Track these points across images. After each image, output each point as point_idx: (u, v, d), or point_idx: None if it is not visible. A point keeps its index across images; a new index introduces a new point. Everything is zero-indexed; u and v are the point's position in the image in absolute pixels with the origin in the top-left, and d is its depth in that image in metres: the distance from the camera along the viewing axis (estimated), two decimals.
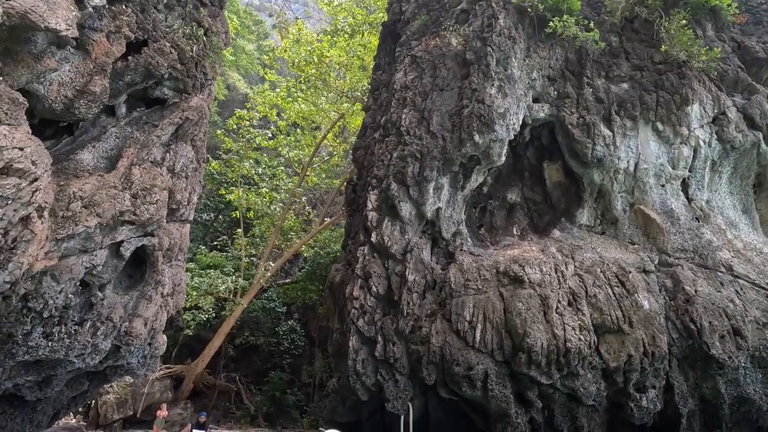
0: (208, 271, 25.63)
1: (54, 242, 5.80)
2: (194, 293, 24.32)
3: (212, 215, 35.54)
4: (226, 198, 29.17)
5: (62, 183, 6.15)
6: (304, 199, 30.23)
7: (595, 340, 8.22)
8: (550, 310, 8.22)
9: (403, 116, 11.48)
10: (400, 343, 8.67)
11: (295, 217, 29.40)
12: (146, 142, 7.65)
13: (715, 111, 10.82)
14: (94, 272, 6.47)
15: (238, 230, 29.11)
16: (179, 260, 8.60)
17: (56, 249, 5.84)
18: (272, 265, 27.44)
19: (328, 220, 27.28)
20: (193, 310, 23.96)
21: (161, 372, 22.52)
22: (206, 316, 23.36)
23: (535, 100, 11.41)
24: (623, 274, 9.00)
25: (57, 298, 5.85)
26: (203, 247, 27.73)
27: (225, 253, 28.19)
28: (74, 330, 6.25)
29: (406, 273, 9.25)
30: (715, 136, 10.81)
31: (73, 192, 6.08)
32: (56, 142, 7.20)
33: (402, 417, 8.23)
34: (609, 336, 8.32)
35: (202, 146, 10.24)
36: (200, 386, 23.82)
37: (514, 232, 10.88)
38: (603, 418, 8.46)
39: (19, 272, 4.87)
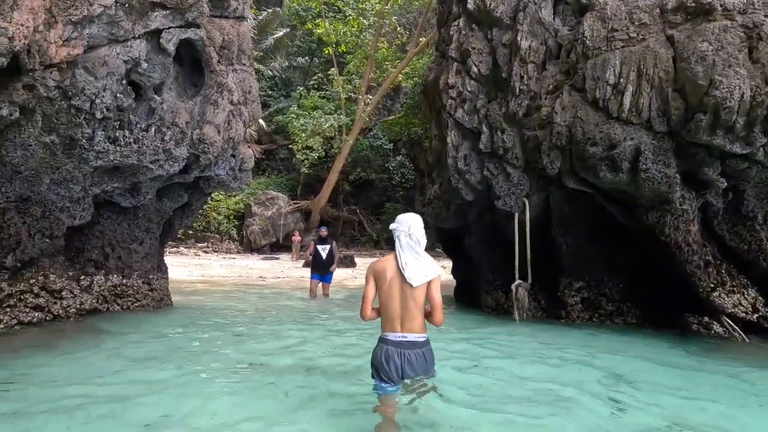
0: (311, 112, 25.92)
1: (71, 26, 4.95)
2: (303, 135, 25.21)
3: (307, 59, 34.88)
4: (315, 34, 27.45)
5: None
6: (394, 19, 26.60)
7: None
8: (762, 42, 5.18)
9: None
10: (511, 130, 6.83)
11: (387, 46, 26.61)
12: None
13: None
14: (139, 70, 5.71)
15: (333, 69, 28.01)
16: (244, 64, 7.53)
17: (77, 35, 5.02)
18: (371, 98, 26.33)
19: (423, 40, 23.73)
20: (305, 151, 25.23)
21: (290, 207, 25.38)
22: (317, 154, 24.42)
23: None
24: None
25: (102, 95, 5.30)
26: (302, 89, 27.51)
27: (324, 91, 27.71)
28: (141, 136, 5.88)
29: (519, 39, 6.76)
30: None
31: None
32: None
33: (516, 215, 6.91)
34: None
35: None
36: (326, 218, 26.49)
37: None
38: None
39: (7, 43, 4.14)
